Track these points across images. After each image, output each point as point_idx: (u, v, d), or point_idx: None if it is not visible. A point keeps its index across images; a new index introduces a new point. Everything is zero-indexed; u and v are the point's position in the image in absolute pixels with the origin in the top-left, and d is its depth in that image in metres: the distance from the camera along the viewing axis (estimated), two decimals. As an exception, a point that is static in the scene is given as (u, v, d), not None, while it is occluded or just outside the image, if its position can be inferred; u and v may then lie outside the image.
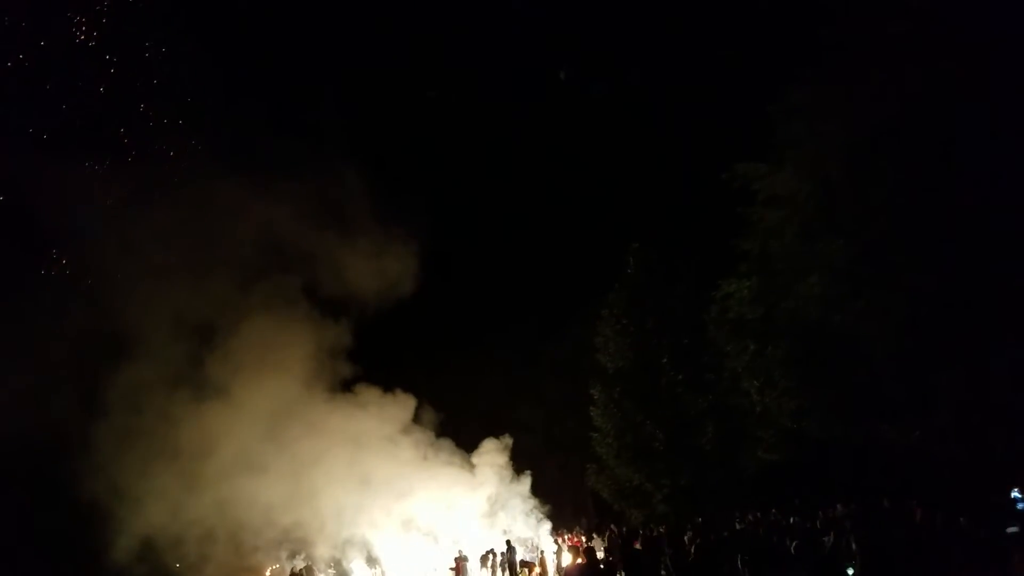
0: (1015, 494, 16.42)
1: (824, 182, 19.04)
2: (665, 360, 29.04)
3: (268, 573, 28.69)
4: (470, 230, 40.53)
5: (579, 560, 19.60)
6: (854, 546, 12.06)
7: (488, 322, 38.83)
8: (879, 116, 17.67)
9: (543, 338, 38.88)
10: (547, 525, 29.63)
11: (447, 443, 29.04)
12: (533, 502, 29.32)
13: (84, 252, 25.39)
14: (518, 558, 26.45)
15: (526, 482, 29.36)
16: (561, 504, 31.81)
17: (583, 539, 27.46)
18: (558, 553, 26.10)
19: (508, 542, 27.32)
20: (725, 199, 22.21)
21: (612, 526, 28.35)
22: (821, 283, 19.32)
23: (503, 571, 26.35)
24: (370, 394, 27.87)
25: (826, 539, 13.25)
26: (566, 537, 29.12)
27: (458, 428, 30.62)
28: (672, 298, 29.39)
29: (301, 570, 27.78)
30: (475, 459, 29.27)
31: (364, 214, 27.38)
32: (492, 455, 29.35)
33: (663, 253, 30.15)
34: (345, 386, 27.68)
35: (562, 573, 24.00)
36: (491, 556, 26.18)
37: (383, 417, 27.59)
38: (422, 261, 28.92)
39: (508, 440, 29.90)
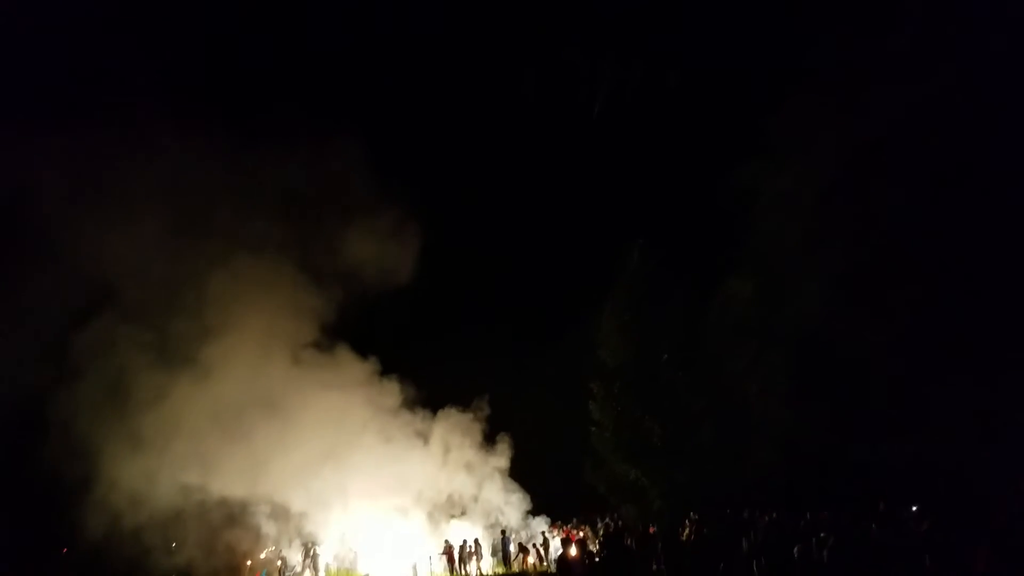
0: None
1: (826, 187, 19.20)
2: (665, 357, 28.74)
3: (263, 556, 28.59)
4: (473, 223, 40.11)
5: (572, 551, 19.38)
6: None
7: (489, 314, 38.55)
8: (881, 124, 17.96)
9: (544, 331, 38.65)
10: (541, 516, 29.58)
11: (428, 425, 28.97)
12: (505, 481, 29.23)
13: (63, 220, 25.14)
14: (511, 548, 26.29)
15: (503, 457, 29.21)
16: (558, 497, 31.50)
17: (578, 532, 27.20)
18: (545, 545, 25.98)
19: (503, 531, 27.20)
20: (729, 199, 22.15)
21: (608, 520, 28.13)
22: (822, 289, 19.37)
23: (497, 559, 26.29)
24: (352, 373, 27.78)
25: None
26: (563, 529, 28.88)
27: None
28: (673, 296, 29.11)
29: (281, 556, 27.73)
30: (436, 432, 29.08)
31: (362, 198, 27.24)
32: (453, 428, 29.18)
33: (666, 251, 29.89)
34: (332, 367, 27.57)
35: (558, 563, 23.81)
36: (469, 545, 26.11)
37: (363, 400, 27.51)
38: (422, 248, 28.82)
39: (482, 408, 29.65)
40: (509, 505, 29.67)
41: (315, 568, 27.12)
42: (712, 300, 25.11)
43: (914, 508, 16.13)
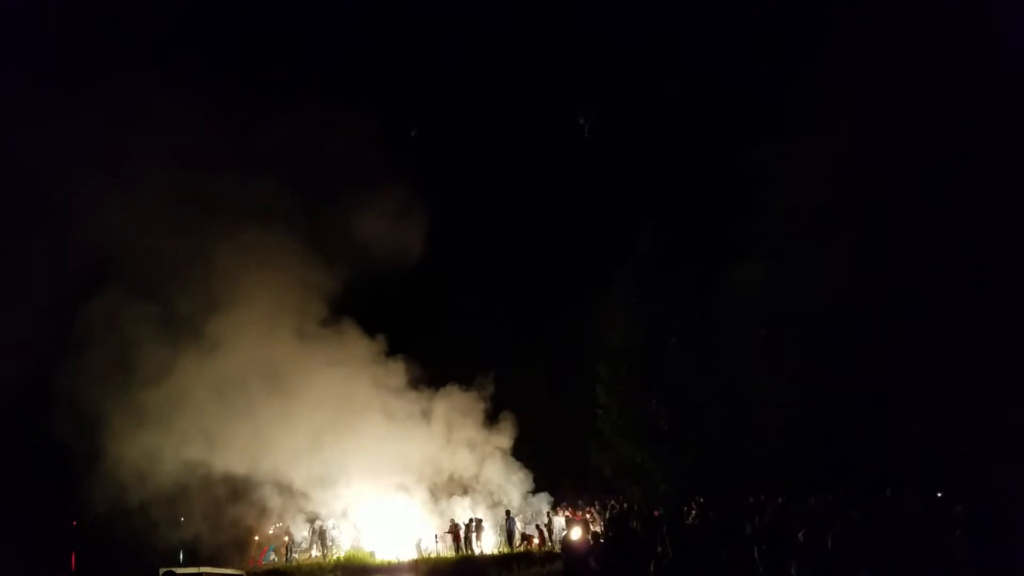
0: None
1: (838, 170, 19.04)
2: (673, 340, 28.50)
3: (271, 531, 28.76)
4: (482, 202, 39.77)
5: (575, 530, 19.44)
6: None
7: (496, 294, 38.33)
8: (896, 107, 17.91)
9: (551, 312, 38.40)
10: (544, 496, 29.57)
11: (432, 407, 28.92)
12: (507, 460, 29.16)
13: (68, 191, 25.11)
14: (517, 529, 26.33)
15: (506, 436, 29.11)
16: (561, 478, 31.50)
17: (583, 514, 27.23)
18: (549, 525, 26.02)
19: (507, 512, 27.20)
20: (740, 181, 22.00)
21: (612, 502, 28.09)
22: (832, 273, 19.23)
23: (502, 540, 26.34)
24: (357, 351, 27.77)
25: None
26: (568, 511, 28.90)
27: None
28: (682, 279, 28.87)
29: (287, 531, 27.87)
30: (438, 410, 29.06)
31: (371, 175, 27.18)
32: (455, 406, 29.08)
33: (675, 233, 29.55)
34: (338, 344, 27.58)
35: (564, 545, 23.84)
36: (469, 524, 26.18)
37: (367, 378, 27.53)
38: (430, 226, 28.66)
39: (486, 387, 29.49)
40: (510, 484, 29.67)
41: (322, 545, 27.24)
42: (721, 283, 24.88)
43: (940, 494, 15.86)
